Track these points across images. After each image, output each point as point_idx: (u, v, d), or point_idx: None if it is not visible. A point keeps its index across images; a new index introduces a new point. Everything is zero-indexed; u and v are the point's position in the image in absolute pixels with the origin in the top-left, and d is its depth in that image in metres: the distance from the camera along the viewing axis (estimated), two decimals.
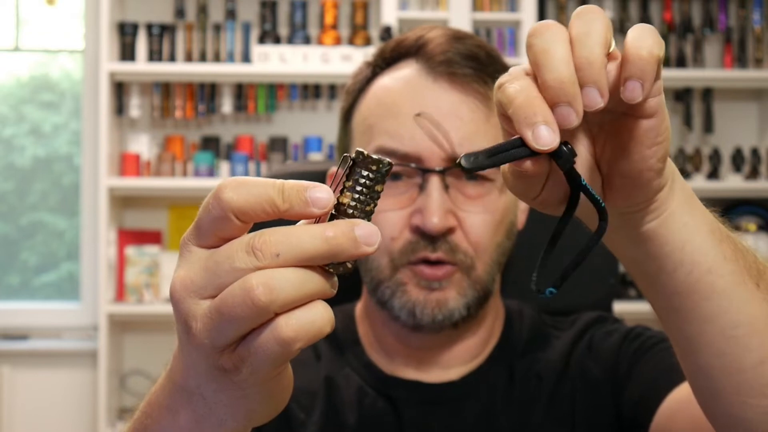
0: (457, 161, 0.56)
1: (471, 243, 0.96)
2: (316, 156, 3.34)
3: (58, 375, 3.36)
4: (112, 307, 3.18)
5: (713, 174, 3.40)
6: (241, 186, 0.51)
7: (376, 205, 0.53)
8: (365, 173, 0.53)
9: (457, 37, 1.00)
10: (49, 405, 3.35)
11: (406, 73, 0.99)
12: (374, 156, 0.53)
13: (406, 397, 1.00)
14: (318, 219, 0.52)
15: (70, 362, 3.35)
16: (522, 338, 1.05)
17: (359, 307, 1.08)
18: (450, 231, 0.95)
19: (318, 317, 0.51)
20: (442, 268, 0.96)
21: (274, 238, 0.50)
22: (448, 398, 1.00)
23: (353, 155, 0.53)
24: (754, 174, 3.40)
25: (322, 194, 0.51)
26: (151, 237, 3.37)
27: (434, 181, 0.95)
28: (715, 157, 3.42)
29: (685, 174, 3.38)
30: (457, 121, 0.96)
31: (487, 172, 0.97)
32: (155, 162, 3.30)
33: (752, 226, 3.39)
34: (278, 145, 3.37)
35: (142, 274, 3.23)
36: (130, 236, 3.32)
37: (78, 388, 3.35)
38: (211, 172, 3.28)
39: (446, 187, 0.95)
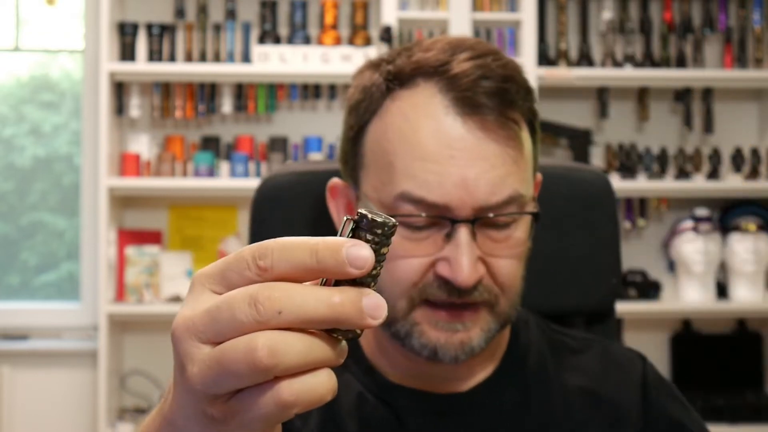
0: None
1: (498, 284, 0.94)
2: (316, 156, 3.34)
3: (58, 375, 3.36)
4: (112, 307, 3.18)
5: (713, 174, 3.39)
6: (283, 250, 0.50)
7: (382, 267, 0.51)
8: (370, 237, 0.50)
9: (483, 67, 0.93)
10: (49, 405, 3.35)
11: (428, 105, 0.93)
12: (378, 219, 0.50)
13: (409, 406, 0.98)
14: (325, 280, 0.51)
15: (70, 362, 3.35)
16: (529, 349, 1.04)
17: None
18: (479, 280, 0.92)
19: (321, 386, 0.50)
20: (465, 312, 0.93)
21: (278, 294, 0.49)
22: (455, 410, 0.98)
23: (356, 218, 0.51)
24: (754, 174, 3.40)
25: (364, 252, 0.50)
26: (151, 237, 3.36)
27: (464, 232, 0.91)
28: (715, 157, 3.42)
29: (686, 174, 3.38)
30: (489, 167, 0.91)
31: (516, 219, 0.94)
32: (155, 162, 3.30)
33: (752, 226, 3.39)
34: (278, 145, 3.37)
35: (142, 274, 3.23)
36: (130, 236, 3.32)
37: (78, 388, 3.35)
38: (211, 172, 3.28)
39: (474, 235, 0.91)
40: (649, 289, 3.39)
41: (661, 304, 3.40)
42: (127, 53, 3.30)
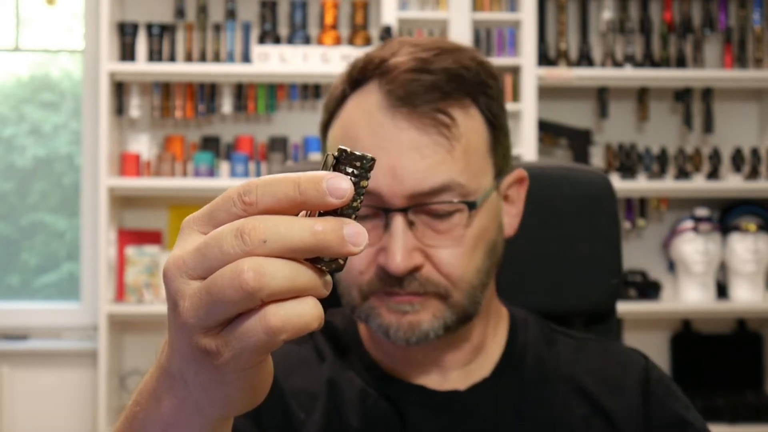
0: None
1: (444, 275, 0.94)
2: (316, 156, 3.34)
3: (58, 375, 3.36)
4: (112, 307, 3.18)
5: (713, 174, 3.40)
6: (267, 185, 0.53)
7: (362, 200, 0.54)
8: (350, 170, 0.53)
9: (422, 61, 0.95)
10: (49, 405, 3.35)
11: (368, 103, 0.97)
12: (357, 152, 0.53)
13: (409, 399, 1.00)
14: (308, 213, 0.53)
15: (70, 362, 3.35)
16: (527, 350, 1.04)
17: None
18: (416, 269, 0.94)
19: (307, 312, 0.52)
20: (412, 296, 0.95)
21: (263, 224, 0.51)
22: (453, 407, 1.00)
23: (336, 153, 0.54)
24: (754, 174, 3.40)
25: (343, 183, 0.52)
26: (151, 237, 3.37)
27: (397, 221, 0.93)
28: (715, 157, 3.42)
29: (686, 174, 3.38)
30: (418, 156, 0.93)
31: (450, 208, 0.94)
32: (155, 162, 3.30)
33: (752, 226, 3.39)
34: (278, 145, 3.37)
35: (142, 274, 3.23)
36: (130, 236, 3.32)
37: (78, 388, 3.35)
38: (211, 172, 3.28)
39: (411, 224, 0.93)
40: (649, 289, 3.40)
41: (661, 304, 3.40)
42: (127, 53, 3.30)
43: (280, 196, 0.52)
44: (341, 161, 0.53)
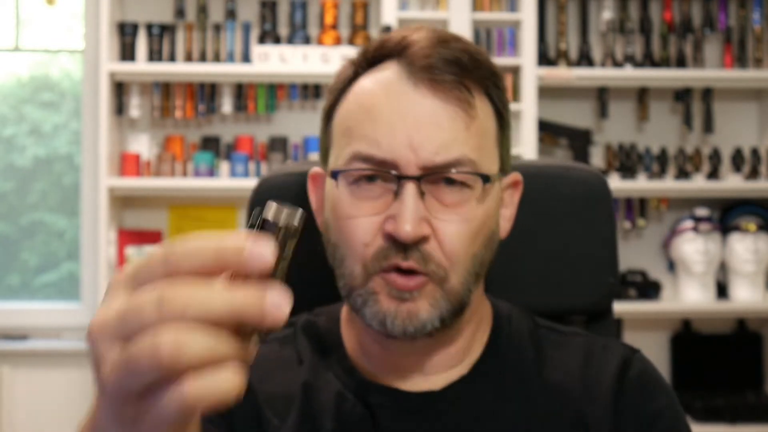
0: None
1: (445, 253, 0.93)
2: (316, 156, 3.34)
3: (58, 375, 3.36)
4: None
5: (713, 174, 3.39)
6: (189, 253, 0.52)
7: (292, 252, 0.53)
8: (280, 226, 0.52)
9: (442, 40, 0.96)
10: (49, 405, 3.35)
11: (386, 75, 0.97)
12: (286, 209, 0.52)
13: (384, 404, 0.98)
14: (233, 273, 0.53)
15: (70, 362, 3.35)
16: (509, 347, 1.03)
17: (345, 309, 1.06)
18: (423, 240, 0.92)
19: (225, 383, 0.51)
20: (413, 278, 0.93)
21: (182, 293, 0.51)
22: (427, 408, 0.98)
23: (264, 210, 0.52)
24: (754, 174, 3.40)
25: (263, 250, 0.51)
26: (151, 237, 3.37)
27: (409, 188, 0.92)
28: (715, 157, 3.42)
29: (686, 174, 3.38)
30: (435, 128, 0.93)
31: (465, 178, 0.95)
32: (155, 162, 3.30)
33: (752, 226, 3.39)
34: (278, 145, 3.37)
35: None
36: (130, 236, 3.32)
37: (78, 388, 3.35)
38: (211, 172, 3.28)
39: (422, 194, 0.92)
40: (649, 289, 3.39)
41: (661, 304, 3.40)
42: (127, 53, 3.30)
43: (199, 264, 0.52)
44: (269, 219, 0.52)
